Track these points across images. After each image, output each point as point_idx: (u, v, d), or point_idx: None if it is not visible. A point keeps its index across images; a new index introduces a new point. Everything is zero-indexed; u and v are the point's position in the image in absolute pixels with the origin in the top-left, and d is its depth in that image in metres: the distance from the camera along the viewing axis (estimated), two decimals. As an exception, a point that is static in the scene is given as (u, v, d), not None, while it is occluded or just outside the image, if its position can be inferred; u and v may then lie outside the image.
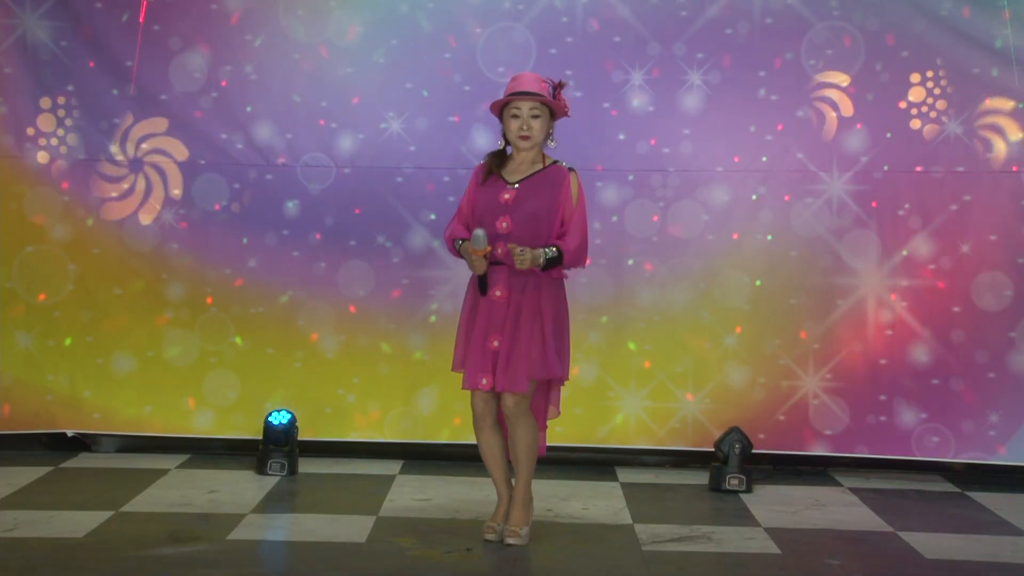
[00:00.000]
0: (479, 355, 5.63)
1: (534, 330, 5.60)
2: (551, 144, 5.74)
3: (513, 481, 5.83)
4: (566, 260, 5.61)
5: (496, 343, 5.61)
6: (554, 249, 5.58)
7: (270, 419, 7.03)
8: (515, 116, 5.66)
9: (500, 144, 5.79)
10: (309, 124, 7.37)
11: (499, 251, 5.61)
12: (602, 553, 5.67)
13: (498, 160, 5.77)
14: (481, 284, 5.66)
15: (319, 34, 7.34)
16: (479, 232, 5.54)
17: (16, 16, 7.31)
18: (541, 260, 5.54)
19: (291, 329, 7.41)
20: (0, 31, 7.30)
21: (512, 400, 5.64)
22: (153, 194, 7.39)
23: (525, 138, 5.65)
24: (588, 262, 5.85)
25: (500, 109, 5.73)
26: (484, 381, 5.62)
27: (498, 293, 5.62)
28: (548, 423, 5.89)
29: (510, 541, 5.70)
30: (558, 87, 5.69)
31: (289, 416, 7.08)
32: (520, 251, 5.50)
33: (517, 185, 5.67)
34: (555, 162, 5.72)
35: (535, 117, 5.64)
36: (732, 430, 6.94)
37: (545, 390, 5.81)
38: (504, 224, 5.62)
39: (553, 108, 5.66)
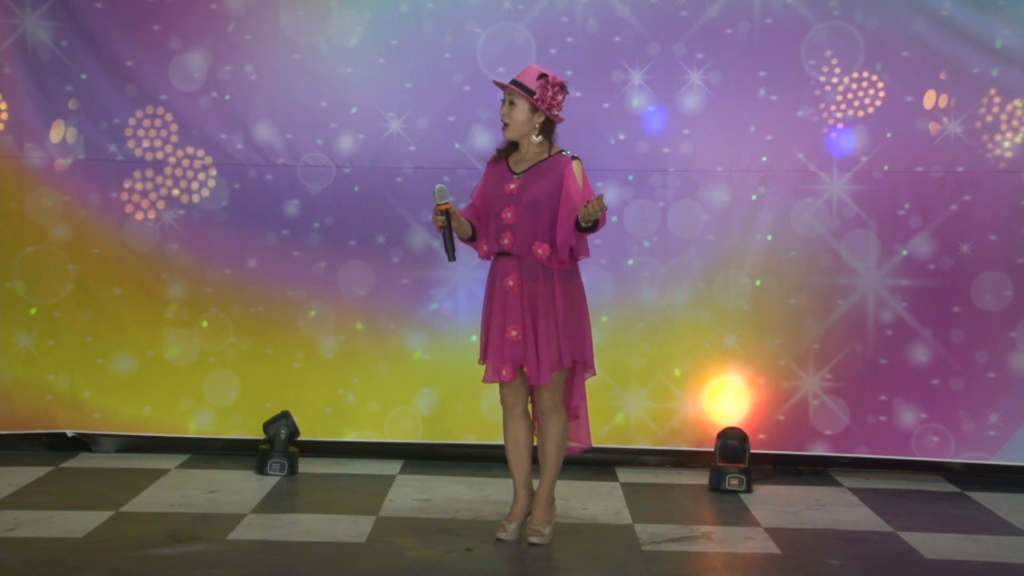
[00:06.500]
0: (498, 348, 5.65)
1: (550, 321, 5.61)
2: (536, 139, 5.67)
3: (535, 482, 5.80)
4: (600, 224, 5.57)
5: (514, 333, 5.61)
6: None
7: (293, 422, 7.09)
8: (502, 101, 5.72)
9: None
10: (309, 124, 7.37)
11: (505, 241, 5.64)
12: (602, 553, 5.66)
13: (510, 150, 5.79)
14: (446, 246, 5.66)
15: (319, 34, 7.34)
16: (438, 186, 5.64)
17: (16, 16, 7.30)
18: (597, 214, 5.46)
19: (291, 329, 7.41)
20: (0, 31, 7.30)
21: (547, 394, 5.66)
22: (153, 194, 7.39)
23: (505, 125, 5.69)
24: (588, 254, 5.79)
25: None
26: (504, 372, 5.64)
27: (511, 283, 5.64)
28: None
29: (533, 540, 5.70)
30: (548, 85, 5.60)
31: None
32: (587, 206, 5.44)
33: (521, 175, 5.68)
34: (560, 151, 5.72)
35: (511, 104, 5.65)
36: (728, 426, 7.00)
37: (570, 380, 5.80)
38: (509, 214, 5.64)
39: (532, 100, 5.60)
